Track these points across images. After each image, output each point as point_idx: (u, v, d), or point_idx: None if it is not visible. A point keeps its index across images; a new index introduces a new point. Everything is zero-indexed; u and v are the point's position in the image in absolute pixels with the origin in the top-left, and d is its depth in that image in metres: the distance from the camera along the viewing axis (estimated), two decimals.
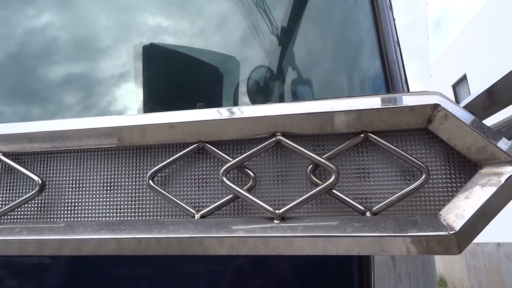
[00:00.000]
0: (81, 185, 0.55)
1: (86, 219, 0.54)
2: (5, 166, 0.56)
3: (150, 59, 0.90)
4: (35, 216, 0.55)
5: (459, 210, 0.43)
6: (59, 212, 0.55)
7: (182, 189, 0.53)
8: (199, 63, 0.92)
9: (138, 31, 0.94)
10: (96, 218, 0.54)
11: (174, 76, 0.93)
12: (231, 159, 0.50)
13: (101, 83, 0.88)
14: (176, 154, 0.52)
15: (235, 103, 0.85)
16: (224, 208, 0.52)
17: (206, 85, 0.91)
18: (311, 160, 0.49)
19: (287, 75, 0.92)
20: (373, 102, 0.47)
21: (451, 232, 0.41)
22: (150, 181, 0.52)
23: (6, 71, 0.97)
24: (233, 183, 0.49)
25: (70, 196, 0.55)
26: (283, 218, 0.47)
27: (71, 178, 0.55)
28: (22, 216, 0.56)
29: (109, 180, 0.54)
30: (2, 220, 0.54)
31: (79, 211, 0.54)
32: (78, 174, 0.55)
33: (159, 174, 0.53)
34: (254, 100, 0.90)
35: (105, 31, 0.96)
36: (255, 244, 0.47)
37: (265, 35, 0.92)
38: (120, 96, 0.88)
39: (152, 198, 0.53)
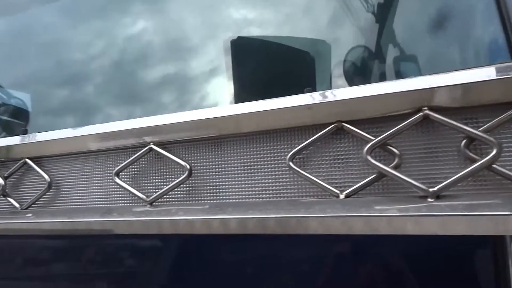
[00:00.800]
0: (224, 169, 0.58)
1: (230, 200, 0.58)
2: (156, 154, 0.62)
3: (239, 52, 0.91)
4: (184, 198, 0.61)
5: None
6: (206, 194, 0.59)
7: (321, 170, 0.53)
8: (289, 50, 0.92)
9: (225, 27, 0.96)
10: (240, 200, 0.57)
11: (265, 66, 0.93)
12: (373, 138, 0.49)
13: (194, 80, 0.93)
14: (314, 135, 0.53)
15: (332, 87, 0.83)
16: (368, 188, 0.51)
17: (299, 72, 0.90)
18: (467, 134, 0.45)
19: (387, 53, 0.86)
20: None
21: None
22: (291, 163, 0.53)
23: (110, 76, 1.07)
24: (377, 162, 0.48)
25: (215, 180, 0.59)
26: (437, 196, 0.45)
27: (215, 163, 0.59)
28: (173, 199, 0.61)
29: (250, 163, 0.57)
30: (156, 203, 0.60)
31: (224, 193, 0.58)
32: (221, 159, 0.59)
33: (298, 156, 0.54)
34: (352, 82, 0.87)
35: (194, 31, 1.01)
36: (405, 224, 0.45)
37: (359, 13, 0.88)
38: (214, 91, 0.91)
39: (292, 179, 0.55)
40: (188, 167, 0.58)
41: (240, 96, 0.88)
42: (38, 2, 1.39)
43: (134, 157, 0.61)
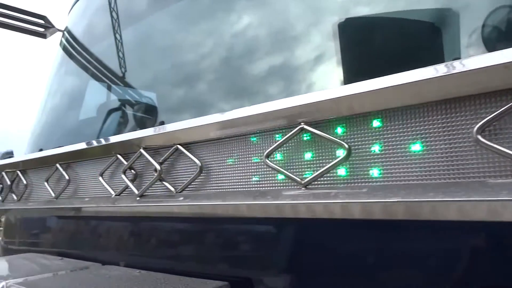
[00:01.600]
0: (387, 147, 0.52)
1: (393, 183, 0.51)
2: (310, 134, 0.59)
3: (352, 34, 0.82)
4: (340, 181, 0.56)
5: None
6: (363, 178, 0.54)
7: None
8: (407, 24, 0.79)
9: (330, 11, 0.87)
10: (406, 182, 0.50)
11: (382, 43, 0.82)
12: None
13: (304, 68, 0.86)
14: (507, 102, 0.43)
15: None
16: None
17: (424, 44, 0.77)
18: None
19: None
20: None
21: None
22: (479, 136, 0.44)
23: (220, 73, 1.07)
24: None
25: (375, 160, 0.53)
26: None
27: (375, 141, 0.53)
28: (327, 182, 0.57)
29: (428, 137, 0.49)
30: (312, 186, 0.57)
31: (387, 175, 0.52)
32: (382, 136, 0.52)
33: (488, 128, 0.45)
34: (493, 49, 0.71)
35: (296, 19, 0.95)
36: None
37: None
38: (331, 75, 0.84)
39: (479, 154, 0.46)
40: (346, 146, 0.53)
41: (359, 77, 0.80)
42: (153, 11, 1.50)
43: (285, 138, 0.59)
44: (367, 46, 0.79)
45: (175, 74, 1.25)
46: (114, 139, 0.82)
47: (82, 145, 0.91)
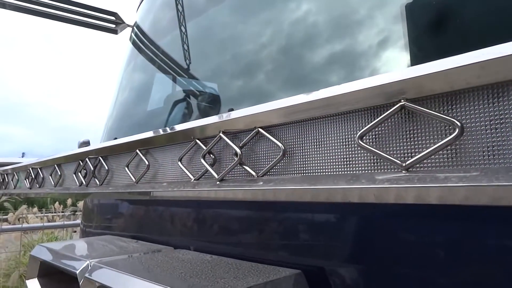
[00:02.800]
0: (504, 126, 0.46)
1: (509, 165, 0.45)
2: (412, 112, 0.54)
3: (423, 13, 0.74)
4: (448, 163, 0.51)
5: None
6: (476, 160, 0.48)
7: None
8: None
9: None
10: None
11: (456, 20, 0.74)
12: None
13: (370, 52, 0.80)
14: None
15: None
16: None
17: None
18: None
19: None
20: None
21: None
22: None
23: (279, 62, 1.04)
24: None
25: (489, 140, 0.47)
26: None
27: (492, 118, 0.47)
28: (432, 165, 0.52)
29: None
30: (415, 169, 0.52)
31: (505, 156, 0.46)
32: (496, 112, 0.46)
33: None
34: None
35: (358, 3, 0.89)
36: None
37: None
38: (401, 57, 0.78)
39: None
40: (458, 124, 0.47)
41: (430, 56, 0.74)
42: (213, 5, 1.51)
43: (382, 116, 0.54)
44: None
45: (241, 64, 1.25)
46: (193, 123, 0.83)
47: (161, 131, 0.93)
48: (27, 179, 1.75)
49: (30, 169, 1.70)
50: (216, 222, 1.11)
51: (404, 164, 0.51)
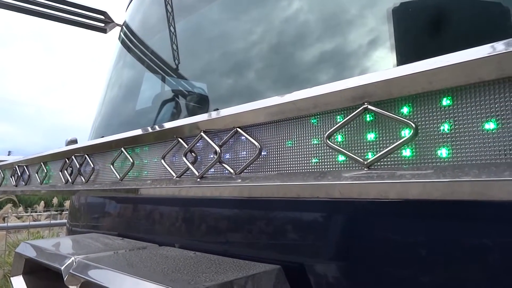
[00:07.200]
0: (457, 125, 0.50)
1: (459, 163, 0.49)
2: (374, 114, 0.58)
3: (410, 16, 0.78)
4: (405, 161, 0.55)
5: None
6: (429, 158, 0.53)
7: None
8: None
9: None
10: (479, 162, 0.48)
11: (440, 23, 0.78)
12: None
13: (359, 53, 0.83)
14: None
15: None
16: None
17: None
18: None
19: None
20: None
21: None
22: None
23: (269, 60, 1.06)
24: None
25: (444, 139, 0.51)
26: None
27: (444, 120, 0.51)
28: (391, 163, 0.56)
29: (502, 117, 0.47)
30: (375, 166, 0.56)
31: (456, 155, 0.50)
32: (451, 114, 0.51)
33: None
34: None
35: (348, 4, 0.92)
36: None
37: None
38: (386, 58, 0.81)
39: None
40: (413, 125, 0.52)
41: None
42: (202, 4, 1.53)
43: (347, 118, 0.59)
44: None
45: (230, 63, 1.27)
46: (176, 123, 0.86)
47: (145, 130, 0.96)
48: (12, 177, 1.76)
49: (16, 166, 1.71)
50: (200, 220, 1.14)
51: (365, 162, 0.56)
